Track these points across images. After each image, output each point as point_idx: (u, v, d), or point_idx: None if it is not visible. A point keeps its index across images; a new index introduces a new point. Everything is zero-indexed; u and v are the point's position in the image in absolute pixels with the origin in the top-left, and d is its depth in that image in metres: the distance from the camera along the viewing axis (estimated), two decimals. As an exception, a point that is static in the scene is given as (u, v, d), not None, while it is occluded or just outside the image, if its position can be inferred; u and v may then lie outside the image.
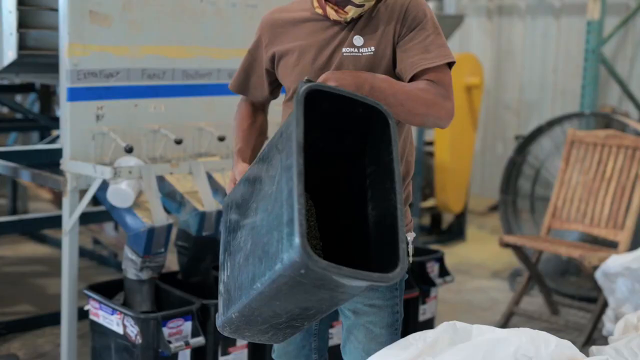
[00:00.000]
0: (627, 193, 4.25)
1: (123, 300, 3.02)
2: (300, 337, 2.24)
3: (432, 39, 2.05)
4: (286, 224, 1.59)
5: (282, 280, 1.62)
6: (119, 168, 2.90)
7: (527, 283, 4.44)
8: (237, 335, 1.97)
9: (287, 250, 1.57)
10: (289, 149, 1.64)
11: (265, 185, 1.76)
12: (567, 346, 2.00)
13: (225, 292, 1.90)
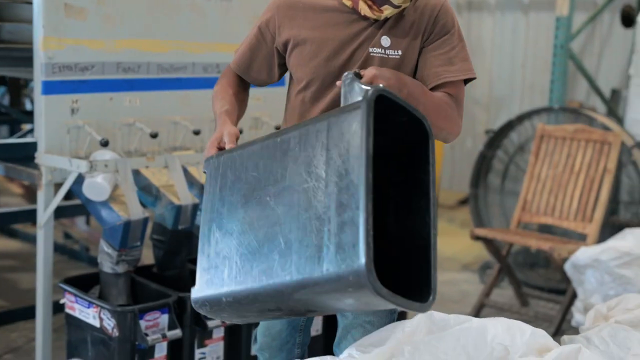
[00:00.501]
0: (595, 186, 4.33)
1: (98, 293, 3.03)
2: (286, 333, 2.25)
3: (457, 51, 2.03)
4: (348, 243, 1.52)
5: (315, 288, 1.58)
6: (95, 161, 2.90)
7: (497, 275, 4.51)
8: (213, 314, 1.89)
9: (336, 264, 1.53)
10: (355, 160, 1.56)
11: (293, 177, 1.69)
12: (541, 335, 2.05)
13: (212, 268, 1.82)
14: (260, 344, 2.30)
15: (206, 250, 1.85)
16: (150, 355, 2.80)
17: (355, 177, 1.55)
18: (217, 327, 2.99)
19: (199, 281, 1.84)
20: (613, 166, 4.29)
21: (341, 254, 1.53)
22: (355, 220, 1.52)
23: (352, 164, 1.56)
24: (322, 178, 1.62)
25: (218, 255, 1.80)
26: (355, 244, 1.50)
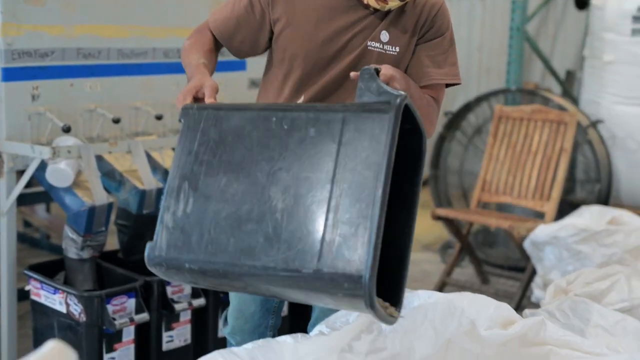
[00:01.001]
0: (552, 165, 4.41)
1: (64, 279, 3.02)
2: (259, 315, 2.24)
3: (447, 55, 2.05)
4: (350, 249, 1.49)
5: (299, 282, 1.54)
6: (58, 148, 2.89)
7: (458, 254, 4.58)
8: (165, 276, 1.76)
9: (332, 266, 1.50)
10: (373, 167, 1.51)
11: (293, 161, 1.61)
12: (505, 309, 2.11)
13: (178, 230, 1.68)
14: (233, 327, 2.28)
15: (172, 207, 1.71)
16: (117, 340, 2.81)
17: (371, 184, 1.51)
18: (184, 311, 3.00)
19: (159, 239, 1.69)
20: (569, 145, 4.38)
21: (340, 257, 1.50)
22: (363, 230, 1.49)
23: (368, 170, 1.52)
24: (328, 172, 1.57)
25: (187, 217, 1.68)
26: (359, 253, 1.48)
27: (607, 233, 3.63)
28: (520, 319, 2.08)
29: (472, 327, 1.97)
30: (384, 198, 1.51)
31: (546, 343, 2.08)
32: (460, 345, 2.03)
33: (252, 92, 3.68)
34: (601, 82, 4.81)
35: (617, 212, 3.99)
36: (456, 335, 1.99)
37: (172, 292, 2.96)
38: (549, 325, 2.07)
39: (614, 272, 2.93)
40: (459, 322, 1.96)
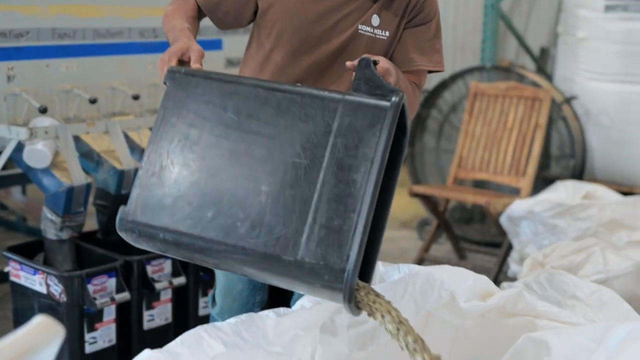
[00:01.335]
0: (527, 141, 4.45)
1: (43, 260, 3.02)
2: (247, 292, 2.25)
3: (433, 42, 2.04)
4: (335, 242, 1.47)
5: (277, 268, 1.53)
6: (35, 128, 2.88)
7: (436, 231, 4.62)
8: (136, 243, 1.70)
9: (314, 256, 1.49)
10: (365, 162, 1.50)
11: (283, 144, 1.57)
12: (484, 281, 2.13)
13: (155, 199, 1.63)
14: (221, 307, 2.28)
15: (151, 169, 1.65)
16: (98, 319, 2.81)
17: (362, 179, 1.50)
18: (165, 290, 3.01)
19: (133, 204, 1.64)
20: (544, 122, 4.42)
21: (323, 249, 1.49)
22: (350, 225, 1.48)
23: (361, 164, 1.51)
24: (319, 161, 1.54)
25: (165, 185, 1.63)
26: (344, 247, 1.47)
27: (581, 207, 3.67)
28: (499, 291, 2.11)
29: (452, 299, 2.00)
30: (374, 195, 1.50)
31: (524, 314, 2.11)
32: (440, 317, 2.06)
33: (229, 72, 3.68)
34: (575, 58, 4.85)
35: (592, 186, 4.04)
36: (436, 307, 2.02)
37: (153, 271, 2.97)
38: (526, 297, 2.10)
39: (589, 245, 2.99)
40: (438, 295, 1.98)
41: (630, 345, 1.75)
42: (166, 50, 1.83)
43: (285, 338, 1.85)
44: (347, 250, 1.49)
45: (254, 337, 1.79)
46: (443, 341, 2.18)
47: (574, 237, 3.55)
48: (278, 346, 1.82)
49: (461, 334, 2.16)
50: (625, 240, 3.41)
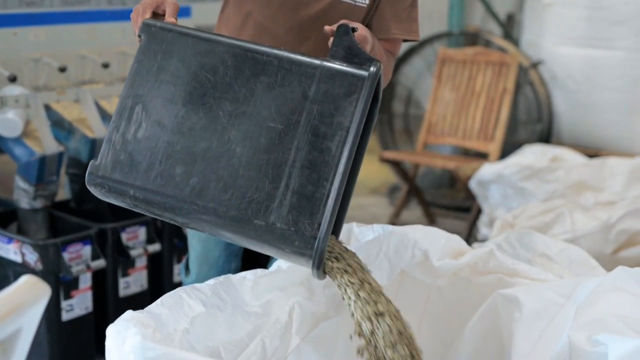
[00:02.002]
0: (495, 106, 4.50)
1: (17, 230, 3.02)
2: (223, 260, 2.25)
3: (409, 10, 2.02)
4: (306, 209, 1.48)
5: (247, 231, 1.53)
6: (5, 97, 2.87)
7: (406, 197, 4.67)
8: (105, 197, 1.68)
9: (285, 222, 1.49)
10: (340, 130, 1.50)
11: (259, 107, 1.56)
12: (456, 240, 2.18)
13: (125, 152, 1.61)
14: (197, 275, 2.28)
15: (122, 128, 1.62)
16: (74, 287, 2.83)
17: (336, 148, 1.50)
18: (140, 257, 3.03)
19: (104, 159, 1.61)
20: (511, 87, 4.47)
21: (295, 215, 1.50)
22: (323, 193, 1.49)
23: (335, 132, 1.51)
24: (293, 126, 1.54)
25: (138, 143, 1.61)
26: (315, 215, 1.48)
27: (549, 170, 3.74)
28: (471, 250, 2.16)
29: (425, 258, 2.04)
30: (347, 164, 1.51)
31: (495, 272, 2.16)
32: (413, 276, 2.11)
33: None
34: (541, 23, 4.89)
35: (558, 150, 4.10)
36: (410, 266, 2.06)
37: (127, 239, 2.99)
38: (497, 255, 2.15)
39: (557, 206, 3.05)
40: (412, 254, 2.02)
41: (598, 298, 1.80)
42: (141, 2, 1.79)
43: (263, 299, 1.88)
44: (318, 218, 1.50)
45: (232, 298, 1.82)
46: (417, 300, 2.23)
47: (542, 200, 3.62)
48: (256, 307, 1.85)
49: (434, 292, 2.20)
50: (592, 201, 3.49)
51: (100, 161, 1.62)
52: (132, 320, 1.48)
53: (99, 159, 1.62)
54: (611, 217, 3.12)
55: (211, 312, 1.74)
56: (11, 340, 1.14)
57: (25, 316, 1.13)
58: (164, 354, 1.32)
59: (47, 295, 1.19)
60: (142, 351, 1.34)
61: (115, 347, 1.42)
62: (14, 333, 1.13)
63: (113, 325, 1.46)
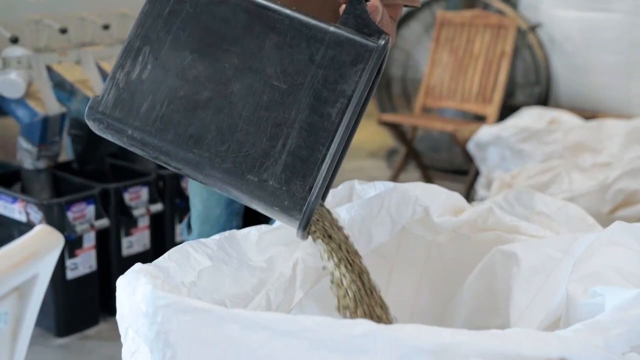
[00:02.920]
0: (494, 69, 4.52)
1: (20, 190, 3.05)
2: (224, 219, 2.28)
3: None
4: (300, 171, 1.49)
5: (240, 185, 1.54)
6: (7, 58, 2.88)
7: (404, 160, 4.70)
8: (102, 133, 1.64)
9: (277, 181, 1.50)
10: (342, 98, 1.50)
11: (265, 64, 1.56)
12: (456, 197, 2.21)
13: (127, 92, 1.59)
14: (199, 233, 2.30)
15: (128, 67, 1.61)
16: (78, 246, 2.87)
17: (336, 115, 1.51)
18: (142, 217, 3.07)
19: (106, 95, 1.60)
20: (510, 49, 4.49)
21: (288, 175, 1.51)
22: (318, 157, 1.50)
23: (337, 99, 1.52)
24: (297, 88, 1.54)
25: (141, 84, 1.59)
26: (308, 178, 1.50)
27: (547, 131, 3.76)
28: (470, 207, 2.19)
29: (426, 215, 2.06)
30: (346, 132, 1.52)
31: (494, 229, 2.19)
32: (414, 232, 2.14)
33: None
34: (539, -14, 4.90)
35: (556, 113, 4.13)
36: (410, 223, 2.09)
37: (130, 199, 3.02)
38: (496, 212, 2.18)
39: (555, 166, 3.08)
40: (413, 210, 2.05)
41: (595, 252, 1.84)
42: None
43: (267, 254, 1.91)
44: (310, 181, 1.51)
45: (238, 252, 1.85)
46: (417, 257, 2.27)
47: (540, 161, 3.65)
48: (261, 261, 1.88)
49: (434, 249, 2.24)
50: (589, 162, 3.52)
51: (102, 97, 1.59)
52: (141, 272, 1.51)
53: (101, 94, 1.60)
54: (608, 177, 3.15)
55: (217, 266, 1.78)
56: (28, 286, 1.17)
57: (41, 263, 1.17)
58: (174, 302, 1.35)
59: (61, 243, 1.22)
60: (153, 300, 1.37)
61: (126, 296, 1.44)
62: (31, 279, 1.17)
63: (123, 276, 1.49)
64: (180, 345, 1.34)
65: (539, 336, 1.33)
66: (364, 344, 1.25)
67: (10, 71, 2.89)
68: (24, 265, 1.12)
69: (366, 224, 2.02)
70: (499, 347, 1.28)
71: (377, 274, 2.29)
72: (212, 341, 1.32)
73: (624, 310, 1.48)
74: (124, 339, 1.51)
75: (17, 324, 1.21)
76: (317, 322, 1.27)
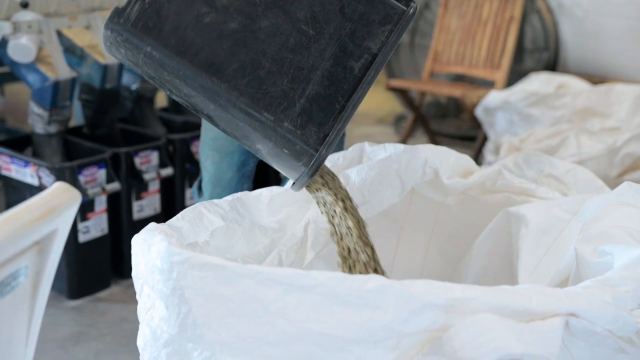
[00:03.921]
0: (502, 35, 4.51)
1: (32, 154, 3.07)
2: (235, 181, 2.31)
3: None
4: (316, 118, 1.50)
5: (254, 122, 1.53)
6: (18, 22, 2.89)
7: (412, 126, 4.71)
8: (118, 45, 1.60)
9: (293, 124, 1.51)
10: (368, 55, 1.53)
11: (295, 6, 1.57)
12: (466, 159, 2.22)
13: (154, 11, 1.57)
14: (210, 196, 2.32)
15: None
16: (90, 209, 2.89)
17: (359, 70, 1.53)
18: (153, 180, 3.09)
19: (130, 8, 1.57)
20: (518, 14, 4.47)
21: (304, 119, 1.52)
22: (336, 107, 1.51)
23: (362, 55, 1.54)
24: (323, 36, 1.56)
25: (168, 3, 1.59)
26: (323, 126, 1.51)
27: (556, 96, 3.77)
28: (479, 169, 2.20)
29: (435, 176, 2.08)
30: (366, 89, 1.54)
31: (503, 190, 2.21)
32: (423, 194, 2.16)
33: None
34: (549, -49, 4.87)
35: (564, 78, 4.13)
36: (420, 185, 2.11)
37: (140, 163, 3.04)
38: (505, 174, 2.19)
39: (563, 130, 3.09)
40: (423, 172, 2.07)
41: (604, 212, 1.85)
42: None
43: (279, 214, 1.93)
44: (325, 130, 1.53)
45: (250, 213, 1.87)
46: (427, 219, 2.29)
47: (548, 125, 3.65)
48: (273, 222, 1.91)
49: (444, 211, 2.26)
50: (598, 127, 3.53)
51: (125, 9, 1.57)
52: (156, 230, 1.53)
53: (125, 6, 1.57)
54: (617, 140, 3.17)
55: (230, 226, 1.80)
56: (47, 241, 1.20)
57: (60, 218, 1.19)
58: (190, 258, 1.37)
59: (79, 200, 1.24)
60: (168, 256, 1.39)
61: (141, 254, 1.47)
62: (50, 234, 1.19)
63: (138, 235, 1.51)
64: (196, 301, 1.37)
65: (548, 292, 1.35)
66: (376, 299, 1.27)
67: (20, 36, 2.90)
68: (44, 219, 1.14)
69: (376, 185, 2.04)
70: (508, 303, 1.30)
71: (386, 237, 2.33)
72: (226, 296, 1.34)
73: (632, 268, 1.51)
74: (139, 296, 1.54)
75: (37, 279, 1.24)
76: (330, 277, 1.29)
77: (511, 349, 1.22)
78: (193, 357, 1.38)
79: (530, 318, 1.30)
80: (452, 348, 1.24)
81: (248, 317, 1.32)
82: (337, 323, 1.28)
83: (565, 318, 1.31)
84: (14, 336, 1.24)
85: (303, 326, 1.29)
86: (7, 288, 1.14)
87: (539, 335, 1.26)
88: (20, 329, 1.25)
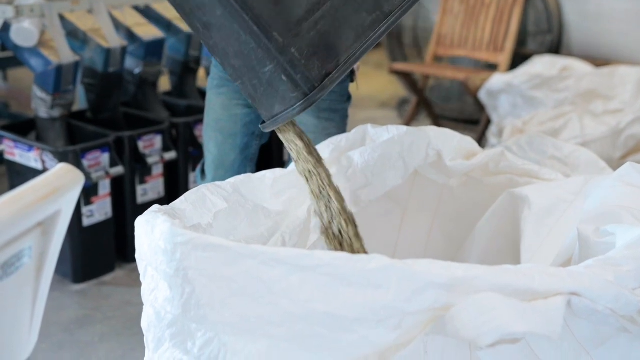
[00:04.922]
0: (505, 17, 4.50)
1: (35, 139, 3.07)
2: (238, 164, 2.32)
3: None
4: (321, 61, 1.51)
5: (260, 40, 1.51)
6: (20, 6, 2.89)
7: (415, 109, 4.70)
8: None
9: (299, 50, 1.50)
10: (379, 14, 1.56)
11: None
12: (469, 141, 2.22)
13: None
14: (213, 178, 2.33)
15: None
16: (94, 193, 2.90)
17: (369, 24, 1.55)
18: (156, 164, 3.09)
19: None
20: (522, -3, 4.46)
21: (311, 52, 1.52)
22: (341, 50, 1.53)
23: (375, 10, 1.56)
24: None
25: None
26: (328, 64, 1.52)
27: (559, 79, 3.76)
28: (482, 151, 2.21)
29: (438, 158, 2.09)
30: (372, 43, 1.55)
31: (506, 172, 2.21)
32: (426, 175, 2.16)
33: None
34: None
35: (568, 61, 4.11)
36: (423, 166, 2.11)
37: (144, 147, 3.04)
38: (508, 156, 2.20)
39: (567, 112, 3.08)
40: (426, 154, 2.07)
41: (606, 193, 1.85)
42: None
43: (282, 197, 1.94)
44: (329, 68, 1.52)
45: (253, 195, 1.88)
46: (430, 200, 2.30)
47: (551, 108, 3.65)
48: (276, 204, 1.91)
49: (447, 193, 2.26)
50: (601, 109, 3.52)
51: None
52: (160, 211, 1.54)
53: None
54: (620, 122, 3.16)
55: (233, 208, 1.80)
56: (51, 222, 1.20)
57: (63, 199, 1.19)
58: (193, 239, 1.38)
59: (82, 181, 1.25)
60: (171, 237, 1.40)
61: (145, 234, 1.47)
62: (54, 215, 1.20)
63: (142, 216, 1.52)
64: (199, 281, 1.37)
65: (551, 271, 1.36)
66: (379, 278, 1.28)
67: (23, 20, 2.90)
68: (48, 200, 1.15)
69: (379, 167, 2.04)
70: (511, 282, 1.31)
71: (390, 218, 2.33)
72: (230, 277, 1.35)
73: (634, 248, 1.51)
74: (143, 277, 1.55)
75: (41, 260, 1.24)
76: (333, 257, 1.30)
77: (513, 328, 1.22)
78: (197, 337, 1.39)
79: (532, 297, 1.30)
80: (454, 327, 1.24)
81: (251, 298, 1.33)
82: (340, 303, 1.29)
83: (567, 297, 1.31)
84: (19, 317, 1.25)
85: (306, 306, 1.30)
86: (11, 269, 1.15)
87: (541, 315, 1.26)
88: (25, 310, 1.26)
